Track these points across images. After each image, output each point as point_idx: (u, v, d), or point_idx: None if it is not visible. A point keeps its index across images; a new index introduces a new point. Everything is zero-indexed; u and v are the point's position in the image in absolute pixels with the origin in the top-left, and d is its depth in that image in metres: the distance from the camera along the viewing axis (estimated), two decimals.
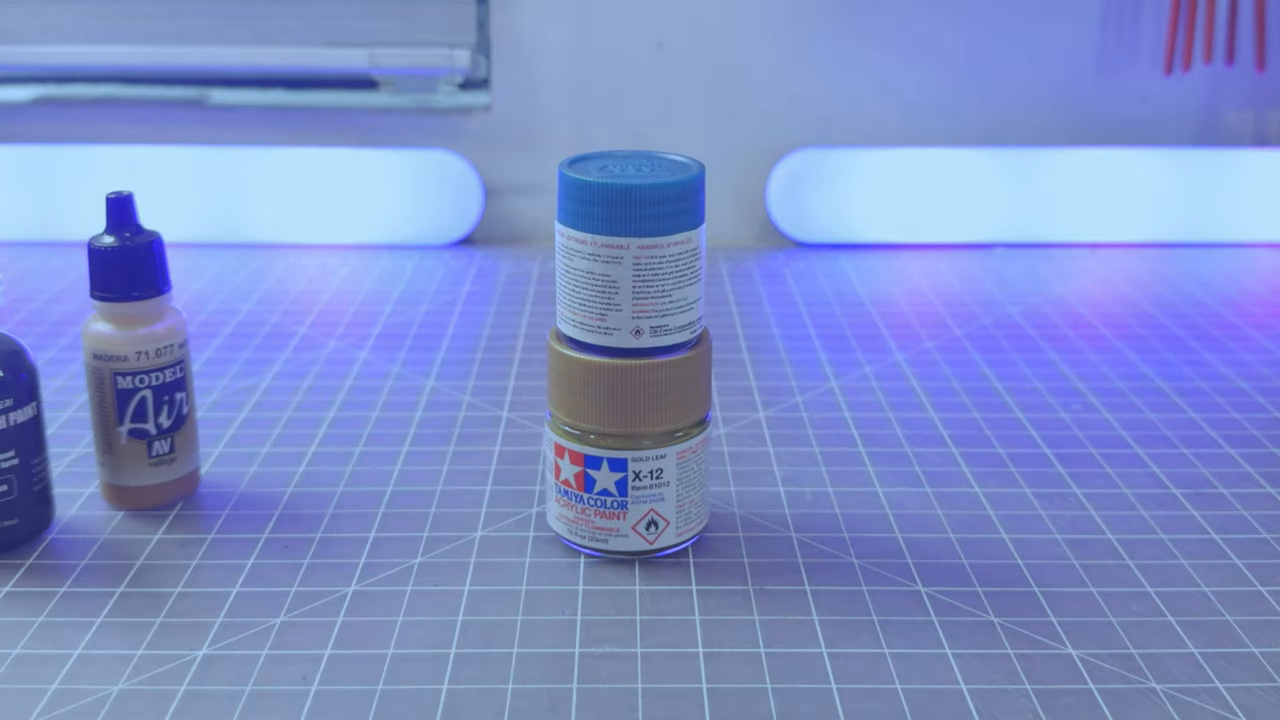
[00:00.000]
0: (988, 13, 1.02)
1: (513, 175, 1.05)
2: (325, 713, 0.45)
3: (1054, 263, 0.97)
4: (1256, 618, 0.51)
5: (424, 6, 1.00)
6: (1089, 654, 0.48)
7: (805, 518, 0.59)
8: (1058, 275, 0.94)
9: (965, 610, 0.51)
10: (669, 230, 0.51)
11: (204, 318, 0.84)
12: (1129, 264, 0.97)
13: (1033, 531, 0.58)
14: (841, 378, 0.75)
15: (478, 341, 0.81)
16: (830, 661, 0.48)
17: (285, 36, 1.00)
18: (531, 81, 1.03)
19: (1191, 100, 1.05)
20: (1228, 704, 0.46)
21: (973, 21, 1.02)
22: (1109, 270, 0.96)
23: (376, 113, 1.04)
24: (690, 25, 1.02)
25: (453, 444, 0.66)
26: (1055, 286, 0.92)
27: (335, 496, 0.61)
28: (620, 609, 0.51)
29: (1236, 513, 0.59)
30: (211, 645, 0.49)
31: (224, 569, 0.54)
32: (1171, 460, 0.65)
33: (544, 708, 0.45)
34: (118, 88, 1.03)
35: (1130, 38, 1.03)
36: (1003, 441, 0.67)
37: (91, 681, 0.47)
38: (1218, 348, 0.80)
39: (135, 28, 1.00)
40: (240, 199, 1.00)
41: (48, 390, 0.72)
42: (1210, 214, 1.01)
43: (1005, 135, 1.05)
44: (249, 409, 0.70)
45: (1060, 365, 0.77)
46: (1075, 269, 0.96)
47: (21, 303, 0.87)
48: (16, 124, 1.04)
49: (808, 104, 1.04)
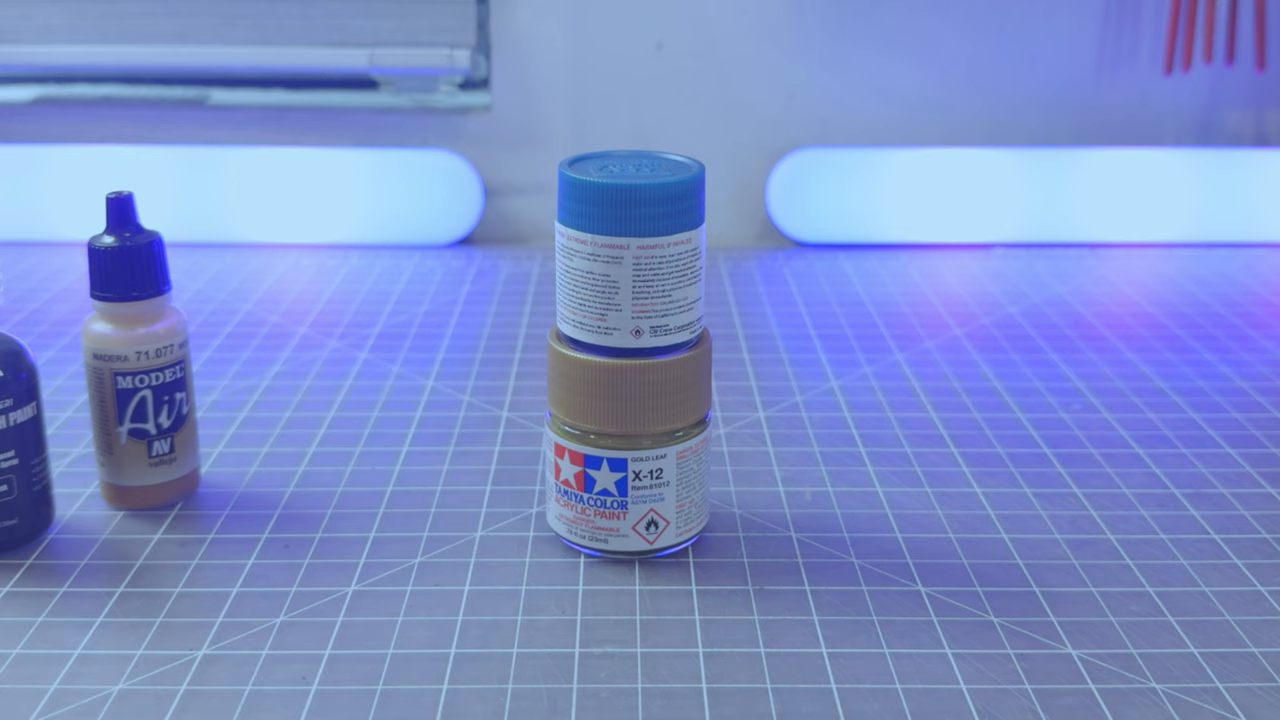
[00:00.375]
0: (987, 13, 1.02)
1: (512, 175, 1.06)
2: (325, 713, 0.45)
3: (1053, 262, 0.97)
4: (1257, 618, 0.51)
5: (424, 7, 1.00)
6: (1089, 654, 0.49)
7: (805, 518, 0.59)
8: (1057, 275, 0.94)
9: (965, 610, 0.51)
10: (669, 230, 0.51)
11: (204, 318, 0.84)
12: (1128, 264, 0.97)
13: (1033, 531, 0.58)
14: (841, 378, 0.75)
15: (478, 341, 0.81)
16: (830, 661, 0.48)
17: (285, 36, 1.00)
18: (531, 81, 1.04)
19: (1191, 100, 1.05)
20: (1228, 704, 0.46)
21: (972, 21, 1.02)
22: (1109, 270, 0.96)
23: (377, 113, 1.04)
24: (690, 25, 1.02)
25: (453, 444, 0.66)
26: (1055, 286, 0.92)
27: (335, 496, 0.61)
28: (620, 609, 0.51)
29: (1237, 513, 0.60)
30: (211, 645, 0.49)
31: (224, 569, 0.54)
32: (1171, 460, 0.65)
33: (544, 708, 0.45)
34: (118, 88, 1.03)
35: (1130, 37, 1.03)
36: (1002, 441, 0.67)
37: (91, 681, 0.47)
38: (1217, 348, 0.80)
39: (135, 27, 1.00)
40: (240, 199, 1.00)
41: (48, 390, 0.72)
42: (1210, 214, 1.02)
43: (1005, 135, 1.05)
44: (249, 409, 0.70)
45: (1060, 365, 0.77)
46: (1075, 269, 0.96)
47: (21, 302, 0.87)
48: (16, 124, 1.04)
49: (807, 104, 1.04)
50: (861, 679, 0.47)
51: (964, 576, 0.54)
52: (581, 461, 0.53)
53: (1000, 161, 1.01)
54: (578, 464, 0.54)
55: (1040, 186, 1.01)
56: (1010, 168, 1.01)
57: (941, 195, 1.01)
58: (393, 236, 1.01)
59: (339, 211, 1.00)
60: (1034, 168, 1.01)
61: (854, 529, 0.58)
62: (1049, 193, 1.01)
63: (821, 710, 0.45)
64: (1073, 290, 0.91)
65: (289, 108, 1.03)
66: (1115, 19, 1.03)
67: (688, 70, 1.03)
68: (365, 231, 1.01)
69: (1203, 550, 0.56)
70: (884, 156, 1.01)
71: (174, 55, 1.00)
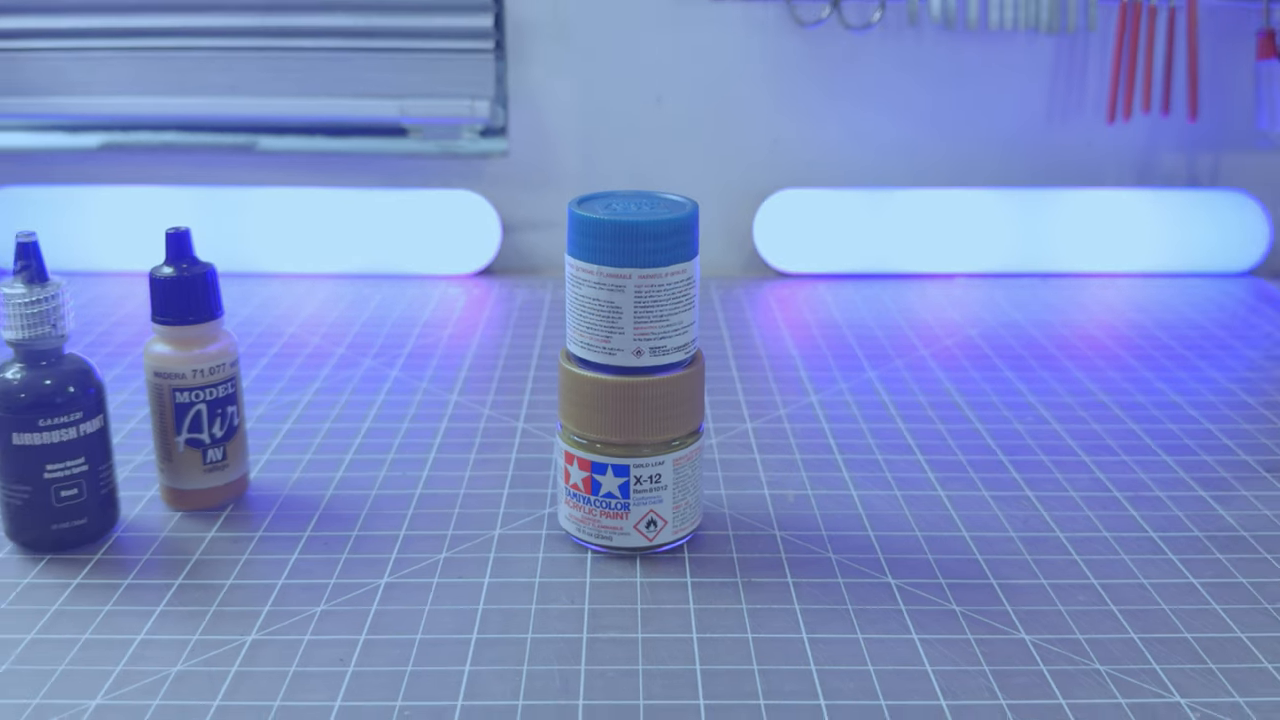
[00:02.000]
0: (949, 68, 1.02)
1: (527, 213, 1.06)
2: (361, 691, 0.45)
3: (1009, 291, 0.98)
4: (1190, 607, 0.51)
5: (449, 63, 1.00)
6: (1040, 639, 0.49)
7: (788, 518, 0.59)
8: (1013, 303, 0.94)
9: (930, 600, 0.51)
10: (667, 261, 0.51)
11: (253, 339, 0.84)
12: (1076, 292, 0.97)
13: (990, 530, 0.58)
14: (820, 393, 0.75)
15: (496, 360, 0.81)
16: (810, 646, 0.48)
17: (325, 89, 1.01)
18: (544, 130, 1.04)
19: (1131, 145, 1.05)
20: (1164, 683, 0.46)
21: (936, 76, 1.03)
22: (1058, 298, 0.96)
23: (406, 157, 1.04)
24: (686, 81, 1.03)
25: (474, 452, 0.66)
26: (1011, 312, 0.92)
27: (369, 499, 0.61)
28: (623, 599, 0.51)
29: (1172, 513, 0.60)
30: (259, 631, 0.49)
31: (270, 563, 0.54)
32: (1114, 466, 0.65)
33: (556, 687, 0.45)
34: (176, 135, 1.03)
35: (1077, 90, 1.03)
36: (963, 450, 0.67)
37: (153, 663, 0.47)
38: (1155, 367, 0.80)
39: (191, 82, 1.00)
40: (285, 235, 1.00)
41: (113, 404, 0.72)
42: (1149, 248, 1.02)
43: (966, 177, 1.05)
44: (292, 420, 0.70)
45: (1014, 381, 0.77)
46: (1028, 297, 0.96)
47: (90, 326, 0.87)
48: (86, 167, 1.05)
49: (789, 150, 1.04)
50: (838, 661, 0.47)
51: (929, 570, 0.54)
52: (589, 468, 0.53)
53: (962, 201, 1.01)
54: (585, 470, 0.54)
55: (998, 223, 1.01)
56: (971, 206, 1.01)
57: (910, 231, 1.01)
58: (420, 268, 1.01)
59: (373, 245, 1.01)
60: (992, 206, 1.01)
61: (831, 528, 0.58)
62: (1005, 228, 1.01)
63: (802, 688, 0.45)
64: (1026, 316, 0.91)
65: (328, 153, 1.04)
66: (1064, 73, 1.03)
67: (683, 121, 1.04)
68: (396, 263, 1.01)
69: (1141, 547, 0.56)
70: (858, 196, 1.01)
71: (226, 106, 1.01)
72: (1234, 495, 0.61)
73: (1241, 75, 1.03)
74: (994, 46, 1.02)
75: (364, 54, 1.00)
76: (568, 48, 1.02)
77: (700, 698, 0.45)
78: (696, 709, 0.44)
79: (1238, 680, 0.46)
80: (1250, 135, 1.05)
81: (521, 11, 1.00)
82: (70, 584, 0.52)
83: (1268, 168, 1.06)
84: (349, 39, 0.99)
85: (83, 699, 0.45)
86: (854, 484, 0.63)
